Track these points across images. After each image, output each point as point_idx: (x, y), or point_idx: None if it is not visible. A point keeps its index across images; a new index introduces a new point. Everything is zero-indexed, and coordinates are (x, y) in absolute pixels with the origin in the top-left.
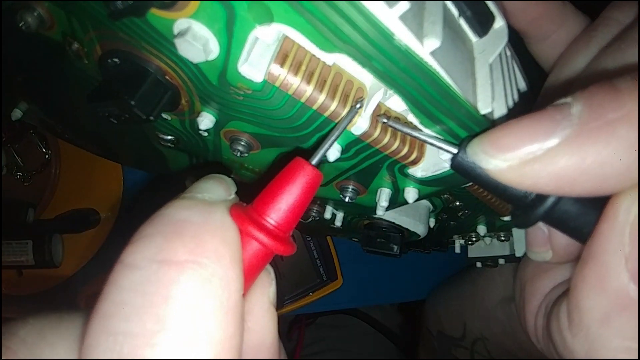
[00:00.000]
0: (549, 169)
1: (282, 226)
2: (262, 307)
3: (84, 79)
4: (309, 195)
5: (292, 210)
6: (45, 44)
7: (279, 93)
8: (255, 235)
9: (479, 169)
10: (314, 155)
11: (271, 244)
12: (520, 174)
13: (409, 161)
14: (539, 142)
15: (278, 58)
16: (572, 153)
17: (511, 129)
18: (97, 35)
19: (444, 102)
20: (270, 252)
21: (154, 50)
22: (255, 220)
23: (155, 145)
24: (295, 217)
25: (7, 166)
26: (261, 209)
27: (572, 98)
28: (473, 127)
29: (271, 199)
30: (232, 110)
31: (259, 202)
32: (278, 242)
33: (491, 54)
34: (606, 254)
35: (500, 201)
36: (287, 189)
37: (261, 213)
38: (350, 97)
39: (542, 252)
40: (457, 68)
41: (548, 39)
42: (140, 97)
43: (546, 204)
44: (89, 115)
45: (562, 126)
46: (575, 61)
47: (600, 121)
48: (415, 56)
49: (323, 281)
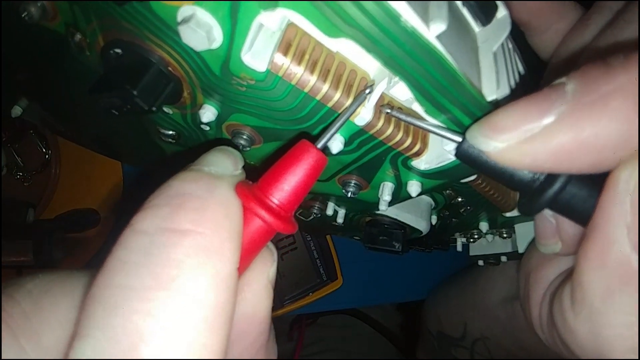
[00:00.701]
0: (546, 145)
1: (285, 205)
2: (260, 283)
3: (85, 73)
4: (312, 178)
5: (295, 191)
6: (47, 37)
7: (282, 83)
8: (258, 212)
9: (484, 155)
10: (320, 138)
11: (272, 221)
12: (519, 152)
13: (412, 153)
14: (536, 120)
15: (281, 47)
16: (568, 128)
17: (508, 111)
18: (100, 25)
19: (450, 88)
20: (271, 229)
21: (157, 39)
22: (258, 198)
23: (156, 141)
24: (297, 197)
25: (7, 166)
26: (265, 187)
27: (566, 78)
28: (478, 115)
29: (276, 179)
30: (234, 102)
31: (264, 181)
32: (279, 220)
33: (495, 42)
34: (607, 225)
35: (503, 197)
36: (291, 170)
37: (265, 192)
38: (354, 87)
39: (552, 243)
40: (462, 55)
41: (548, 31)
42: (143, 88)
43: (554, 188)
44: (90, 111)
45: (558, 103)
46: (572, 47)
47: (594, 95)
48: (422, 38)
49: (323, 281)
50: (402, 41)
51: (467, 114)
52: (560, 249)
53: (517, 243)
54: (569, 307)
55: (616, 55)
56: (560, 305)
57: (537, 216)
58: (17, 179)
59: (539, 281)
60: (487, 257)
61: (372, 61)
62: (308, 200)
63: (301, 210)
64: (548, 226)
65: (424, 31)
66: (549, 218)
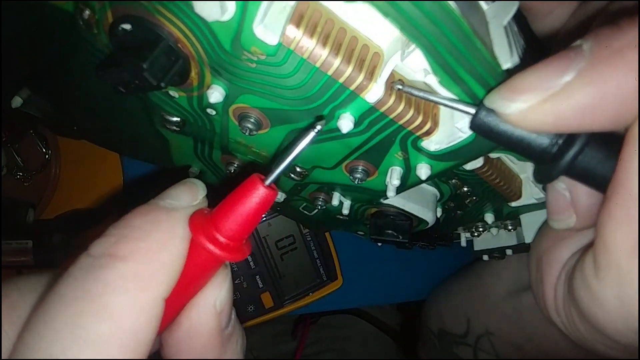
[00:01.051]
0: (570, 100)
1: (233, 236)
2: (205, 306)
3: (91, 54)
4: (260, 211)
5: (242, 224)
6: (53, 17)
7: (293, 57)
8: (204, 244)
9: (501, 124)
10: (269, 174)
11: (218, 253)
12: (542, 112)
13: (423, 132)
14: (557, 78)
15: (293, 20)
16: (589, 82)
17: (528, 72)
18: None
19: (467, 54)
20: (218, 259)
21: (168, 12)
22: (207, 230)
23: (159, 129)
24: (245, 229)
25: (7, 166)
26: (216, 220)
27: (581, 40)
28: (492, 84)
29: (225, 212)
30: (243, 81)
31: (215, 213)
32: (225, 251)
33: (505, 17)
34: (630, 180)
35: (508, 185)
36: (240, 205)
37: (216, 223)
38: (366, 62)
39: (565, 217)
40: (476, 24)
41: (550, 15)
42: (152, 62)
43: (573, 150)
44: (95, 96)
45: (577, 61)
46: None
47: (609, 50)
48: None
49: (323, 281)
50: (420, 2)
51: (482, 84)
52: (574, 222)
53: (524, 233)
54: (592, 275)
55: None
56: (582, 276)
57: (549, 191)
58: (17, 179)
59: (553, 263)
60: (492, 251)
61: (384, 35)
62: (313, 192)
63: (305, 204)
64: (562, 200)
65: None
66: (563, 192)
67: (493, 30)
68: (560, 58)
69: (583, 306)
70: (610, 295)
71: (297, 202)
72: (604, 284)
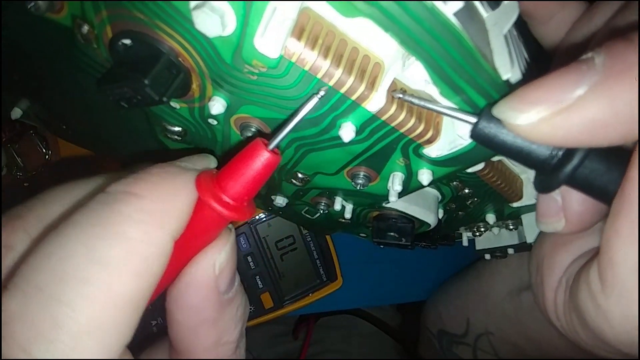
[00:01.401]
0: (581, 115)
1: (236, 197)
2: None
3: (91, 67)
4: (263, 174)
5: (246, 186)
6: (50, 31)
7: (294, 69)
8: (209, 202)
9: (501, 134)
10: (272, 138)
11: (220, 210)
12: (552, 125)
13: (424, 140)
14: (569, 91)
15: (294, 32)
16: (601, 97)
17: (538, 84)
18: (109, 15)
19: (467, 66)
20: (220, 217)
21: (168, 28)
22: (212, 190)
23: (161, 139)
24: (248, 191)
25: (7, 166)
26: (221, 180)
27: (592, 52)
28: (493, 94)
29: (229, 174)
30: (244, 92)
31: (221, 175)
32: (227, 209)
33: (505, 25)
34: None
35: (510, 187)
36: (243, 169)
37: (220, 184)
38: (367, 72)
39: (554, 221)
40: (475, 35)
41: (551, 20)
42: (154, 77)
43: (573, 162)
44: (95, 108)
45: (589, 75)
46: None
47: (623, 65)
48: (442, 15)
49: (323, 282)
50: (420, 17)
51: (482, 94)
52: (563, 227)
53: (525, 233)
54: (598, 288)
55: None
56: (588, 289)
57: (540, 195)
58: (17, 179)
59: (554, 267)
60: (494, 251)
61: (385, 46)
62: (315, 197)
63: (307, 208)
64: (552, 204)
65: (443, 7)
66: (555, 196)
67: (493, 38)
68: (572, 71)
69: (588, 317)
70: (616, 310)
71: (300, 207)
72: (610, 300)
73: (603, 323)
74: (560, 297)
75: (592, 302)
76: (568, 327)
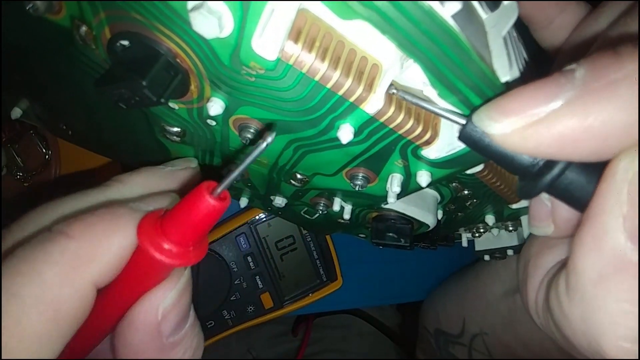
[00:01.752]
0: (552, 130)
1: (180, 242)
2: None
3: (89, 68)
4: (209, 221)
5: (190, 232)
6: (50, 32)
7: (292, 72)
8: (145, 247)
9: (487, 138)
10: (219, 184)
11: (159, 257)
12: (524, 136)
13: (422, 141)
14: (543, 104)
15: (292, 34)
16: (575, 113)
17: (516, 95)
18: (107, 16)
19: (465, 69)
20: (159, 263)
21: (166, 29)
22: (152, 235)
23: (160, 139)
24: (193, 237)
25: (7, 166)
26: (165, 225)
27: (576, 64)
28: (490, 96)
29: (173, 219)
30: (242, 93)
31: (165, 218)
32: (168, 256)
33: (504, 27)
34: (603, 213)
35: (509, 188)
36: (186, 215)
37: (164, 228)
38: (365, 74)
39: (544, 225)
40: (474, 37)
41: (552, 24)
42: (152, 78)
43: (553, 173)
44: (94, 108)
45: (566, 88)
46: (583, 36)
47: (602, 81)
48: (439, 17)
49: (323, 282)
50: (418, 20)
51: (480, 96)
52: (552, 231)
53: (524, 235)
54: (563, 291)
55: (624, 44)
56: (556, 290)
57: (532, 200)
58: (17, 179)
59: (538, 268)
60: (494, 252)
61: (383, 48)
62: (314, 197)
63: (306, 209)
64: (543, 209)
65: (440, 10)
66: (545, 201)
67: (492, 40)
68: (549, 83)
69: (554, 317)
70: (576, 315)
71: (298, 207)
72: (572, 304)
73: (565, 324)
74: (541, 296)
75: (557, 304)
76: (546, 326)
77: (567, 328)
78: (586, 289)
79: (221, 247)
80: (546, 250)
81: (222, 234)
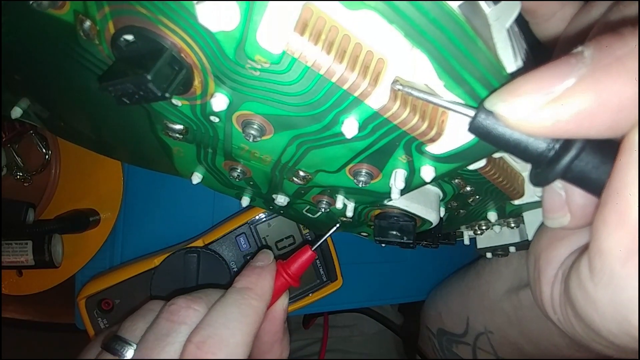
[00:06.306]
0: (567, 107)
1: (293, 274)
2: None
3: (93, 64)
4: (307, 263)
5: (298, 269)
6: (53, 28)
7: (297, 65)
8: (283, 275)
9: (499, 127)
10: (315, 244)
11: (288, 280)
12: (540, 117)
13: (427, 138)
14: (557, 83)
15: (297, 28)
16: (588, 89)
17: (528, 77)
18: (112, 10)
19: (472, 58)
20: (287, 283)
21: (171, 23)
22: (283, 271)
23: (162, 137)
24: (299, 272)
25: (7, 166)
26: (287, 266)
27: (582, 47)
28: (496, 86)
29: (290, 262)
30: (246, 88)
31: (287, 263)
32: (290, 279)
33: (507, 20)
34: (625, 187)
35: (511, 184)
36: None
37: (286, 268)
38: (370, 68)
39: (560, 216)
40: (479, 30)
41: (552, 18)
42: (157, 73)
43: (570, 154)
44: (96, 106)
45: (578, 67)
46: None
47: (610, 58)
48: (447, 5)
49: (323, 282)
50: (425, 9)
51: (486, 87)
52: (569, 221)
53: (527, 231)
54: (587, 277)
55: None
56: (578, 278)
57: (545, 190)
58: (17, 179)
59: (551, 261)
60: (496, 249)
61: (388, 42)
62: (316, 195)
63: (308, 207)
64: (557, 199)
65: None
66: (558, 190)
67: (496, 33)
68: (561, 64)
69: (578, 306)
70: (604, 298)
71: (301, 205)
72: (598, 288)
73: (592, 311)
74: (557, 290)
75: (581, 291)
76: (564, 321)
77: (595, 314)
78: (614, 269)
79: (221, 247)
80: (557, 243)
81: (222, 233)
